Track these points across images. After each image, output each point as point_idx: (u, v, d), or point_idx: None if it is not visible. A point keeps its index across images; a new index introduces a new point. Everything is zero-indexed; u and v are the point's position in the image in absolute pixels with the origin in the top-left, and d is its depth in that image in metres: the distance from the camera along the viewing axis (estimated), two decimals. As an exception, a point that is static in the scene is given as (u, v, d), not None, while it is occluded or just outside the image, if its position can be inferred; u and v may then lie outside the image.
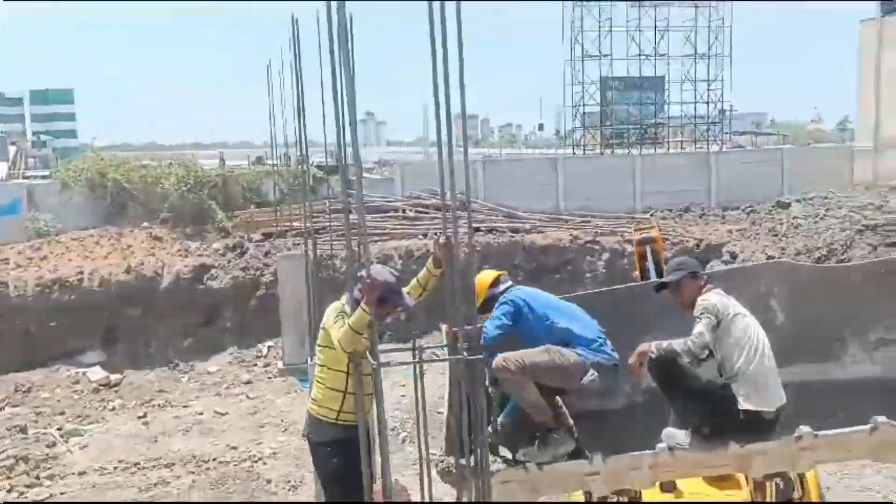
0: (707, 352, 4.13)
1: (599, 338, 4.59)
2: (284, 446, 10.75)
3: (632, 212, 20.36)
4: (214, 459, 10.30)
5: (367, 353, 3.89)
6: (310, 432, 4.54)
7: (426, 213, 18.54)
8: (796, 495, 5.48)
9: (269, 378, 13.96)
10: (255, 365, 14.66)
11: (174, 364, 14.51)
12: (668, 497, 5.31)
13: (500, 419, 4.60)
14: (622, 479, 4.52)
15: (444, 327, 4.85)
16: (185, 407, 12.61)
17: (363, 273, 3.94)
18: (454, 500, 4.22)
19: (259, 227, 17.87)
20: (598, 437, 4.66)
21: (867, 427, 4.06)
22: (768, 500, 5.18)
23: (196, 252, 16.19)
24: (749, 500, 5.35)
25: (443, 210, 4.09)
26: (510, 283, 4.90)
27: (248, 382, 13.71)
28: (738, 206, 20.63)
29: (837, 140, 40.78)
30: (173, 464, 10.18)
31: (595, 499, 5.57)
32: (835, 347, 4.96)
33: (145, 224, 16.91)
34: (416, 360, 3.87)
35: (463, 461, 3.98)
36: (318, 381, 4.45)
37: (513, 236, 17.77)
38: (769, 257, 16.29)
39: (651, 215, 19.38)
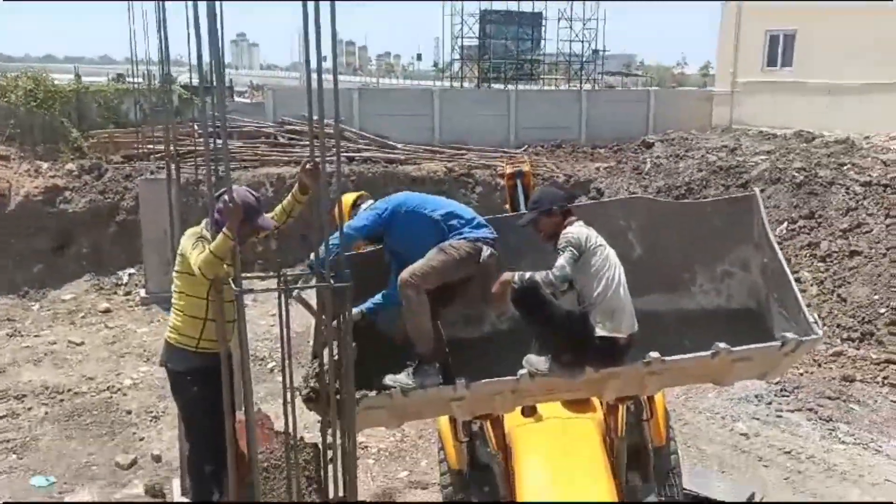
0: (567, 284, 4.28)
1: (476, 216, 4.76)
2: (146, 377, 10.41)
3: (506, 146, 20.65)
4: (69, 391, 9.84)
5: (230, 279, 3.78)
6: (167, 361, 4.39)
7: (299, 140, 18.07)
8: (645, 416, 5.87)
9: (130, 307, 13.40)
10: (115, 293, 14.00)
11: (24, 291, 13.62)
12: (529, 420, 5.54)
13: None
14: (485, 405, 4.66)
15: (311, 256, 4.78)
16: (36, 336, 11.93)
17: (224, 196, 3.79)
18: (319, 427, 4.21)
19: (119, 149, 16.80)
20: (462, 364, 4.77)
21: (709, 353, 4.35)
22: (620, 421, 5.51)
23: (47, 173, 15.10)
24: (603, 421, 5.67)
25: (310, 136, 3.97)
26: (372, 201, 4.92)
27: (107, 311, 13.10)
28: (606, 144, 21.32)
29: (700, 84, 42.66)
30: (24, 395, 9.66)
31: (459, 424, 5.76)
32: (685, 279, 5.24)
33: (-11, 141, 15.56)
34: (281, 286, 3.78)
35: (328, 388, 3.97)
36: (176, 309, 4.29)
37: (387, 167, 17.66)
38: (632, 194, 17.01)
39: (524, 150, 19.72)
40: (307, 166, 4.17)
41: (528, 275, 4.24)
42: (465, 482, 5.89)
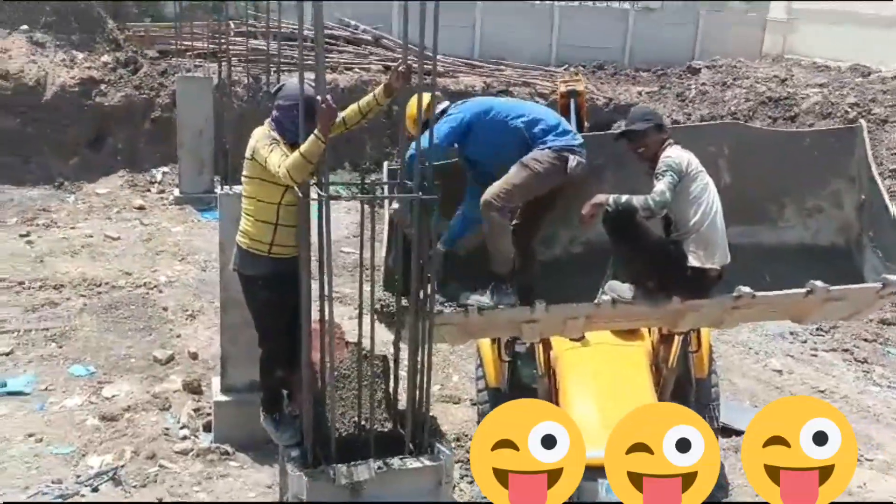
0: (665, 210, 4.10)
1: (561, 121, 4.52)
2: (182, 276, 10.42)
3: (546, 64, 20.05)
4: (107, 284, 9.84)
5: (314, 184, 3.62)
6: (240, 265, 4.29)
7: (336, 44, 17.59)
8: (692, 348, 5.81)
9: (164, 206, 13.33)
10: (149, 191, 13.92)
11: (59, 182, 13.55)
12: (577, 345, 5.49)
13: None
14: (556, 328, 4.56)
15: (385, 164, 4.62)
16: (72, 228, 11.89)
17: (283, 95, 3.61)
18: (391, 342, 4.12)
19: (155, 44, 16.44)
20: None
21: (803, 290, 4.19)
22: (673, 352, 5.45)
23: (83, 64, 14.79)
24: (650, 350, 5.62)
25: (404, 41, 3.75)
26: (447, 102, 4.69)
27: (142, 208, 13.03)
28: (649, 67, 20.62)
29: (744, 12, 41.04)
30: (62, 285, 9.68)
31: (502, 344, 5.71)
32: (771, 212, 5.04)
33: (24, 27, 15.13)
34: (365, 195, 3.62)
35: (404, 303, 3.86)
36: (247, 214, 4.16)
37: (425, 78, 17.18)
38: (674, 122, 16.53)
39: (565, 69, 19.14)
40: (399, 69, 3.95)
41: (624, 198, 4.05)
42: (503, 401, 5.90)
